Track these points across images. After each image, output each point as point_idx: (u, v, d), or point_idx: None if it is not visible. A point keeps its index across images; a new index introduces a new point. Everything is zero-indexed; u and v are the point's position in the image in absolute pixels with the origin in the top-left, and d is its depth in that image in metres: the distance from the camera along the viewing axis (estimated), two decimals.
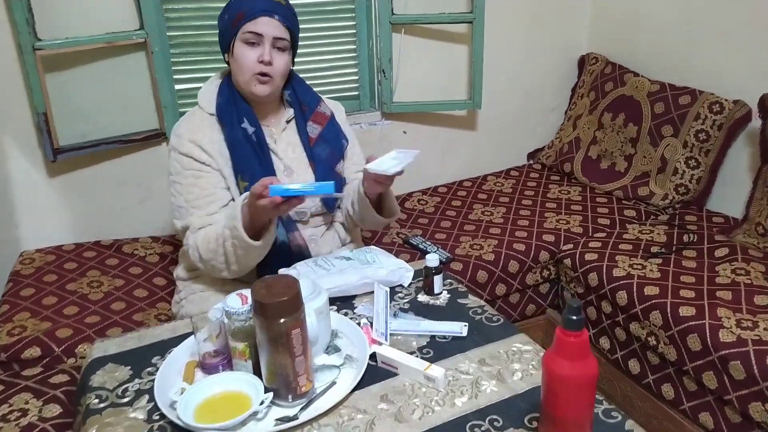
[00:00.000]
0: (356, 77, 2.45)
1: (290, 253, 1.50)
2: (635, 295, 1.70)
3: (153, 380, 1.11)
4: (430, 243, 2.05)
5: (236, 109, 1.47)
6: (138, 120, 2.06)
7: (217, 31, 1.49)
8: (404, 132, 2.52)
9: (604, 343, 1.85)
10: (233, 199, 1.48)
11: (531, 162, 2.76)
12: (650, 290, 1.68)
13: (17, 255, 1.96)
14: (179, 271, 1.63)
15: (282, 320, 0.99)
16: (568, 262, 1.95)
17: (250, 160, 1.45)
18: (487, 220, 2.23)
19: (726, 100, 2.04)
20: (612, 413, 0.99)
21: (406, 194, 2.48)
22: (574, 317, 0.85)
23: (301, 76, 1.61)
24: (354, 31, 2.37)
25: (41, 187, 2.02)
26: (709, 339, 1.48)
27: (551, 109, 2.74)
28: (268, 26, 1.41)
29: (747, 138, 2.08)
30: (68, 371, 1.46)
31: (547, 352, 0.90)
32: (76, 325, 1.61)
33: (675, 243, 1.93)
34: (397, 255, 2.01)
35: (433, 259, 1.38)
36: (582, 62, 2.68)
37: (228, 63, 1.49)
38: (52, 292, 1.78)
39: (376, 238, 2.13)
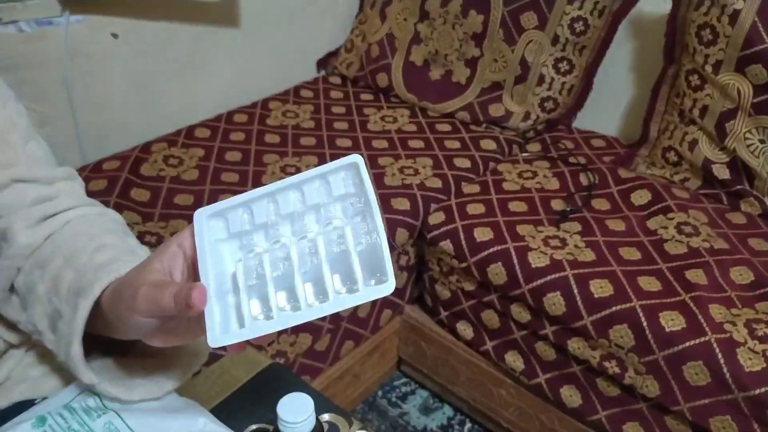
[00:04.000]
0: None
1: None
2: (579, 300, 1.06)
3: None
4: None
5: None
6: None
7: None
8: (114, 36, 1.39)
9: (515, 362, 1.22)
10: None
11: (324, 73, 1.88)
12: (600, 288, 1.06)
13: None
14: None
15: None
16: (446, 246, 1.22)
17: None
18: None
19: None
20: None
21: (141, 148, 1.41)
22: None
23: None
24: None
25: None
26: (726, 369, 0.93)
27: None
28: None
29: (629, 28, 1.54)
30: None
31: None
32: None
33: (574, 190, 1.34)
34: None
35: (301, 420, 0.49)
36: None
37: None
38: None
39: None
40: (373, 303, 1.30)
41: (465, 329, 1.29)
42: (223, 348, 0.45)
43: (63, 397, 0.56)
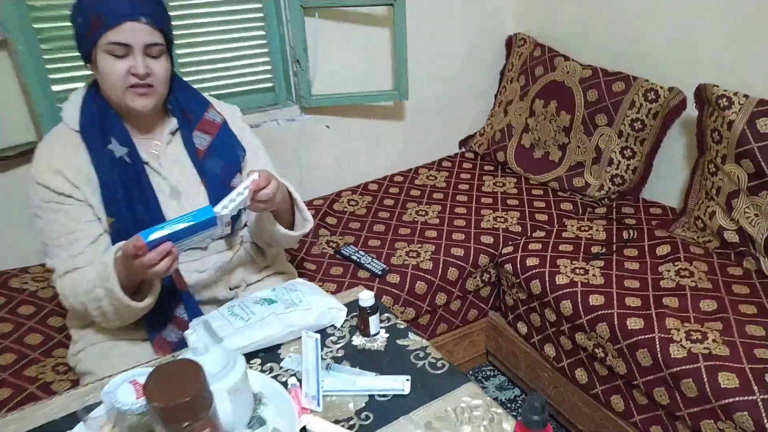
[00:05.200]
0: (269, 67, 2.20)
1: (182, 295, 1.31)
2: (580, 305, 1.61)
3: None
4: (363, 253, 1.88)
5: (102, 127, 1.22)
6: (10, 133, 1.74)
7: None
8: (327, 126, 2.32)
9: (550, 350, 1.77)
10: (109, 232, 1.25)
11: (463, 150, 2.63)
12: (595, 299, 1.60)
13: None
14: (71, 318, 1.39)
15: (186, 424, 0.80)
16: (509, 267, 1.85)
17: (116, 192, 1.22)
18: (422, 221, 2.09)
19: (661, 87, 1.97)
20: None
21: (335, 194, 2.29)
22: (536, 417, 0.72)
23: (206, 68, 1.38)
24: (261, 14, 2.11)
25: None
26: (660, 355, 1.42)
27: (480, 94, 2.61)
28: (135, 33, 1.15)
29: (681, 127, 2.03)
30: None
31: None
32: None
33: (615, 241, 1.86)
34: (328, 268, 1.86)
35: (366, 299, 1.22)
36: (509, 43, 2.54)
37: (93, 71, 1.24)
38: None
39: (305, 249, 1.94)
40: (462, 302, 1.96)
41: (522, 327, 1.88)
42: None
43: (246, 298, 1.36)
